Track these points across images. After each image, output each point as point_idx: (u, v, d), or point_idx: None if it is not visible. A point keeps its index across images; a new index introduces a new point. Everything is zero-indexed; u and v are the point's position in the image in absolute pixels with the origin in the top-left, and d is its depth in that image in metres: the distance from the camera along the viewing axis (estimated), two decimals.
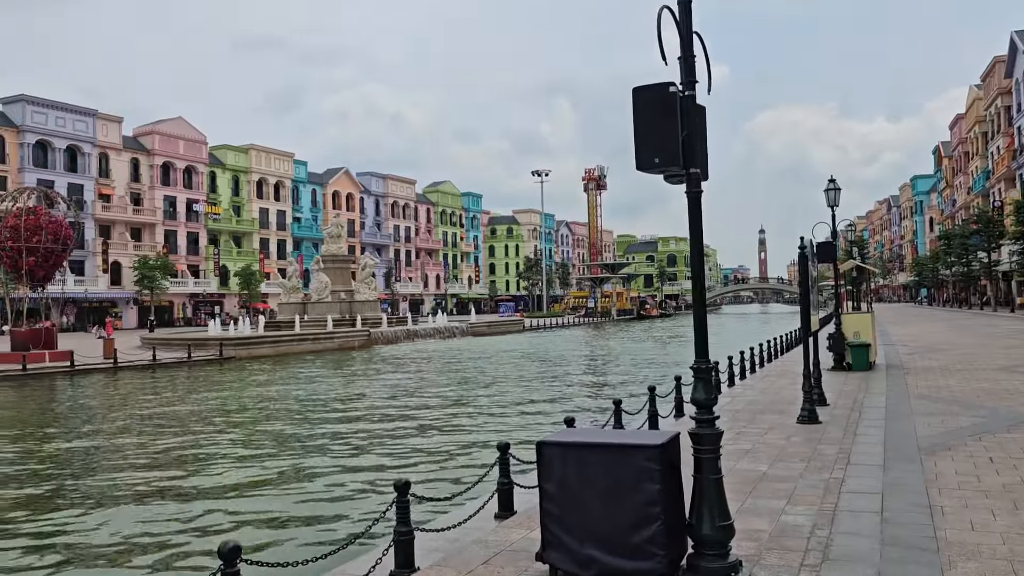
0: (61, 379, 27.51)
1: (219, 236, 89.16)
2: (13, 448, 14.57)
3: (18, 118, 71.29)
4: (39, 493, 11.00)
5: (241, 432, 15.72)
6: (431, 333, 50.55)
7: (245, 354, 35.77)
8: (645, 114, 5.04)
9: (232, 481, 11.29)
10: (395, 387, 22.70)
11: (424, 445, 13.59)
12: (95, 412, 19.27)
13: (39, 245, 31.05)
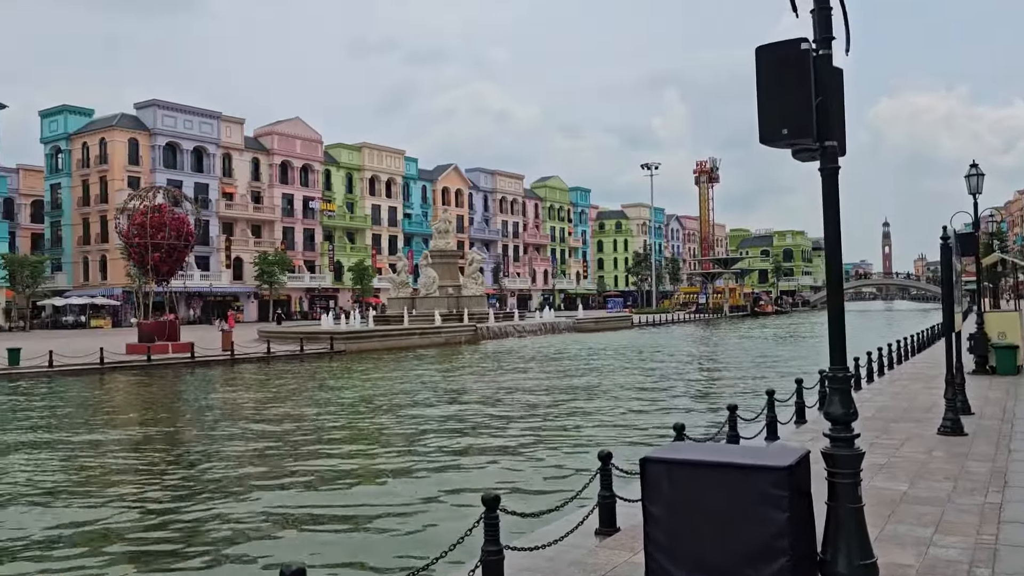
0: (182, 370, 28.58)
1: (334, 232, 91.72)
2: (115, 435, 15.00)
3: (150, 122, 75.30)
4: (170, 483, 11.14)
5: (339, 429, 15.64)
6: (537, 329, 50.16)
7: (355, 348, 36.34)
8: (771, 77, 4.29)
9: (309, 482, 11.09)
10: (498, 385, 22.31)
11: (523, 448, 13.07)
12: (209, 402, 19.77)
13: (163, 241, 32.43)
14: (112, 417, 17.70)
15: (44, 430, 15.83)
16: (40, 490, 10.74)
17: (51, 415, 18.02)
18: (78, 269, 75.48)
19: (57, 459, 12.86)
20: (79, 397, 21.46)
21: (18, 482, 11.23)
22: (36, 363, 27.13)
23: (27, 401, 20.80)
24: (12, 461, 12.76)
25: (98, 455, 13.22)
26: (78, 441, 14.52)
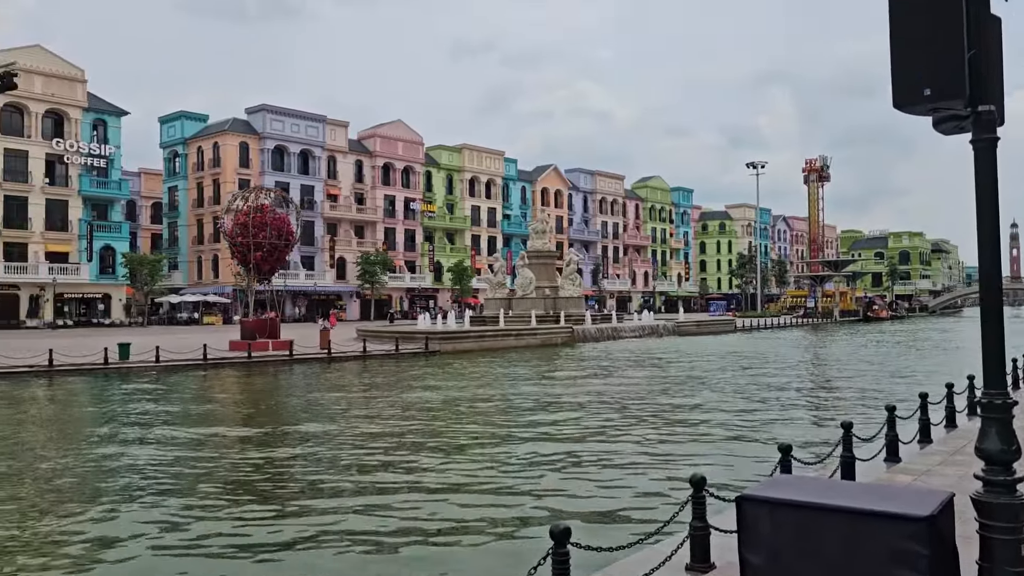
0: (280, 367, 29.02)
1: (434, 233, 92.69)
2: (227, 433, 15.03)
3: (259, 126, 77.89)
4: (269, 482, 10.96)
5: (423, 434, 15.20)
6: (636, 331, 48.96)
7: (449, 348, 36.21)
8: (909, 24, 3.41)
9: (369, 491, 10.61)
10: (592, 390, 21.48)
11: (613, 462, 12.26)
12: (304, 400, 19.79)
13: (265, 241, 33.11)
14: (210, 413, 17.88)
15: (152, 425, 16.08)
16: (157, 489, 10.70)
17: (158, 409, 18.38)
18: (193, 268, 78.84)
19: (157, 452, 12.91)
20: (178, 392, 21.93)
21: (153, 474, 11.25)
22: (144, 358, 28.08)
23: (141, 395, 21.37)
24: (147, 452, 12.89)
25: (193, 450, 13.21)
26: (181, 437, 14.62)
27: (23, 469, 11.96)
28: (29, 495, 10.37)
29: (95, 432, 15.21)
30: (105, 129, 66.24)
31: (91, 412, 18.62)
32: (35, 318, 60.02)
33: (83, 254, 63.18)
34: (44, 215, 61.99)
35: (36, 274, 59.81)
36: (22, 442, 14.44)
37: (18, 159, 60.88)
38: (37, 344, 32.14)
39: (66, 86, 63.33)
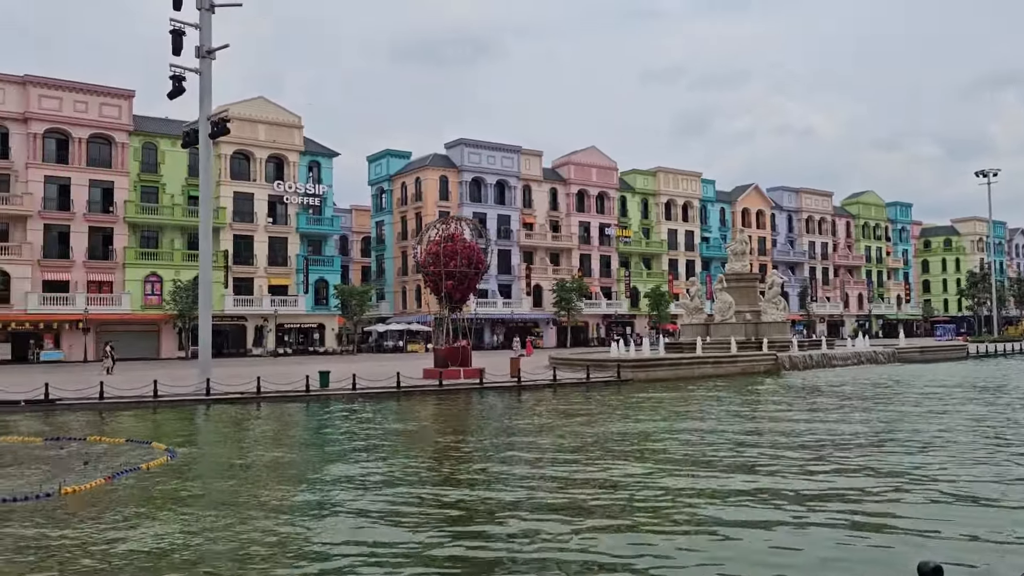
0: (470, 395, 28.94)
1: (630, 258, 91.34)
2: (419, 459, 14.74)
3: (458, 160, 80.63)
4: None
5: (613, 473, 13.99)
6: (850, 359, 44.81)
7: (643, 376, 34.71)
8: None
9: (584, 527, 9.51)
10: (801, 427, 19.23)
11: (823, 526, 10.45)
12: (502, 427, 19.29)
13: (456, 269, 33.48)
14: (401, 440, 17.78)
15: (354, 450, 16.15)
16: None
17: (359, 434, 18.59)
18: (398, 298, 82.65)
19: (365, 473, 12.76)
20: (366, 419, 22.22)
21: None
22: (342, 385, 29.07)
23: (336, 420, 21.90)
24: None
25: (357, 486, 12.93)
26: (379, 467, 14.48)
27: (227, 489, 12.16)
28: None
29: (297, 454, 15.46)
30: (319, 170, 71.22)
31: (281, 436, 19.17)
32: (259, 347, 65.17)
33: (300, 287, 67.95)
34: (267, 251, 67.43)
35: (260, 306, 65.02)
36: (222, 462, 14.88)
37: (245, 201, 66.78)
38: (258, 371, 34.36)
39: (285, 132, 68.81)
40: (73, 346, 57.56)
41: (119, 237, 61.14)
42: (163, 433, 19.73)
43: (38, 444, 17.44)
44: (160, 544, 9.19)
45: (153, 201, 63.27)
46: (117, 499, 11.58)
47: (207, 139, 30.40)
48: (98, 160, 61.14)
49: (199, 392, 27.47)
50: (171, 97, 29.61)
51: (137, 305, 60.41)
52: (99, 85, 61.10)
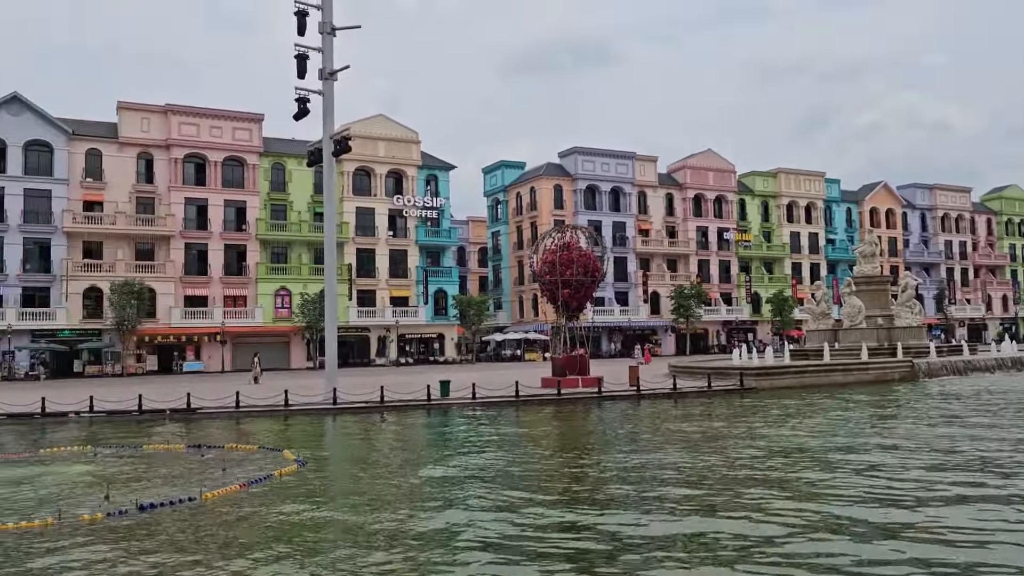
0: (588, 404, 28.76)
1: (750, 263, 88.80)
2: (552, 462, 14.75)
3: (572, 168, 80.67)
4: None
5: (757, 487, 13.51)
6: (994, 365, 41.78)
7: (766, 385, 33.52)
8: None
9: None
10: (943, 443, 18.01)
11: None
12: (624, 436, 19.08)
13: (572, 278, 33.41)
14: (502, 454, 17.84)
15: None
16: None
17: (481, 443, 18.84)
18: (515, 307, 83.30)
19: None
20: (488, 426, 22.40)
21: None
22: (462, 395, 29.50)
23: (454, 429, 22.23)
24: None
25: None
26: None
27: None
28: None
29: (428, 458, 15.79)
30: (436, 183, 72.84)
31: (410, 443, 19.57)
32: (382, 356, 67.11)
33: (420, 298, 69.59)
34: (388, 264, 69.48)
35: (382, 317, 67.00)
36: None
37: (367, 215, 69.09)
38: (381, 380, 35.34)
39: (404, 148, 70.78)
40: (212, 357, 61.02)
41: (251, 253, 64.49)
42: (293, 441, 20.55)
43: (181, 451, 18.51)
44: (291, 549, 9.53)
45: (282, 218, 66.38)
46: (252, 503, 12.11)
47: (330, 157, 31.58)
48: (232, 181, 64.75)
49: (326, 402, 28.49)
50: (297, 119, 30.94)
51: (269, 318, 63.47)
52: (232, 111, 64.75)
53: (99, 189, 60.54)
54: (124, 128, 61.68)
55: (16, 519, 11.06)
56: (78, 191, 59.79)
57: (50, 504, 12.16)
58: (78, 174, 59.87)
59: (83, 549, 9.57)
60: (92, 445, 19.63)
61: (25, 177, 58.04)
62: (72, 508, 11.76)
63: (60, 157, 59.18)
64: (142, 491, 13.15)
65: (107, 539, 10.04)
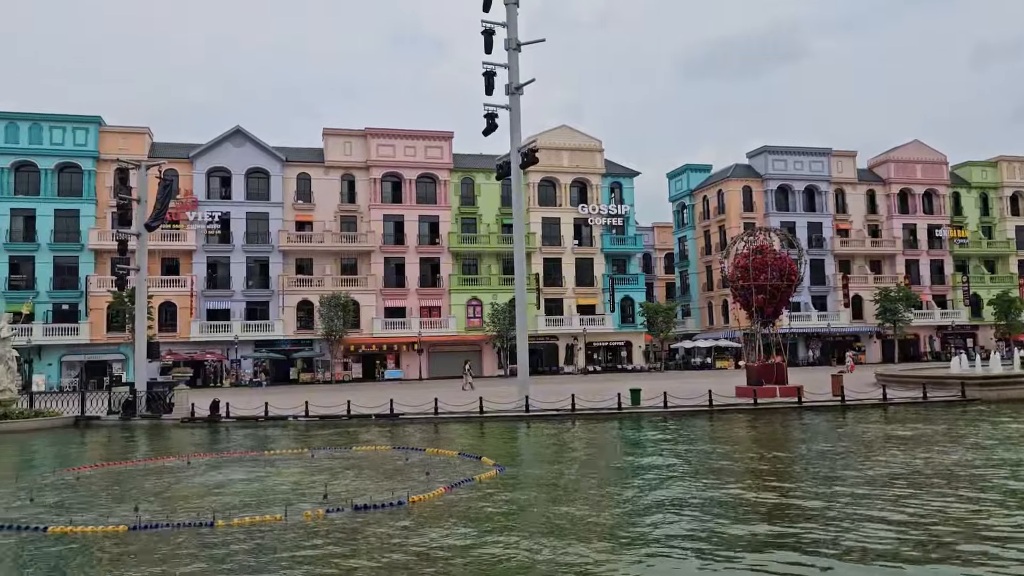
0: (789, 415, 27.39)
1: (967, 261, 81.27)
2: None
3: (761, 168, 77.60)
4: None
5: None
6: None
7: (993, 396, 30.36)
8: None
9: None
10: None
11: None
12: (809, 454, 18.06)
13: (766, 283, 32.05)
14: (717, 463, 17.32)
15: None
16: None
17: (677, 452, 18.53)
18: (704, 313, 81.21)
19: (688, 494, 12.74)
20: (688, 436, 21.88)
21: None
22: (653, 403, 29.06)
23: (656, 438, 21.96)
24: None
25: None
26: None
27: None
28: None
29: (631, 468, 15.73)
30: (621, 190, 72.57)
31: (620, 451, 19.52)
32: (570, 364, 67.63)
33: (607, 305, 69.51)
34: (574, 272, 70.03)
35: (570, 325, 67.58)
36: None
37: (553, 225, 70.06)
38: (570, 388, 35.64)
39: (587, 157, 71.16)
40: (410, 365, 64.18)
41: (444, 265, 67.31)
42: (490, 447, 21.10)
43: (387, 454, 19.54)
44: (495, 553, 9.74)
45: (472, 231, 68.77)
46: (456, 507, 12.53)
47: (518, 170, 32.31)
48: (425, 197, 67.96)
49: (519, 409, 29.08)
50: (486, 134, 31.97)
51: (461, 327, 65.88)
52: (424, 131, 68.04)
53: (308, 210, 65.61)
54: (329, 152, 66.51)
55: (250, 514, 12.10)
56: (291, 212, 65.14)
57: (276, 501, 13.21)
58: (290, 197, 65.23)
59: (320, 545, 10.30)
60: (308, 447, 21.17)
61: (247, 202, 64.04)
62: (295, 505, 12.71)
63: (275, 182, 64.80)
64: (355, 491, 13.99)
65: (333, 535, 10.74)
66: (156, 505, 13.20)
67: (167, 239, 60.75)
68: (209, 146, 63.90)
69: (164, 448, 22.97)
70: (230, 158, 64.14)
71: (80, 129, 61.50)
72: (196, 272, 62.24)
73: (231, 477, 16.19)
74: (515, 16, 32.08)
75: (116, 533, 11.12)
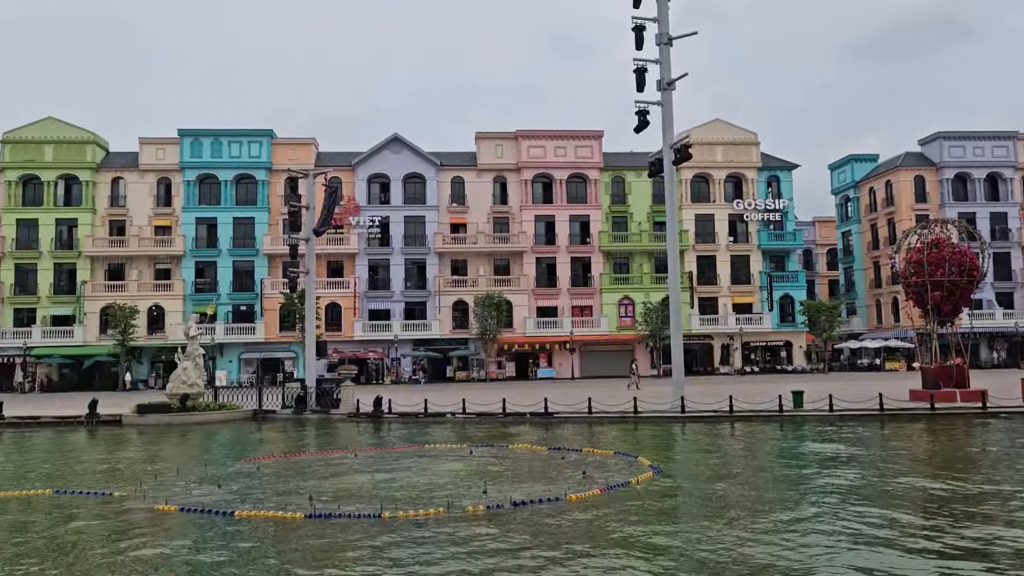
0: (971, 421, 25.34)
1: None
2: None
3: (935, 156, 72.47)
4: None
5: None
6: None
7: None
8: None
9: None
10: None
11: None
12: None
13: (943, 279, 29.83)
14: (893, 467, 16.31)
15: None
16: None
17: (855, 462, 17.65)
18: (871, 312, 76.69)
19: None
20: (862, 443, 20.72)
21: None
22: (817, 406, 27.71)
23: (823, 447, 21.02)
24: None
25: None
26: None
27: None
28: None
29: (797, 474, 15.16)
30: (778, 184, 69.77)
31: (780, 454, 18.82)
32: (726, 365, 65.73)
33: (764, 304, 67.04)
34: (729, 270, 68.00)
35: (725, 325, 65.70)
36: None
37: (706, 222, 68.35)
38: (726, 389, 34.65)
39: (742, 151, 68.92)
40: (562, 364, 64.51)
41: (595, 265, 67.21)
42: (645, 448, 20.83)
43: (542, 453, 19.73)
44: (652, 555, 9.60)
45: (623, 230, 68.25)
46: (613, 507, 12.47)
47: (671, 167, 31.74)
48: (575, 197, 68.14)
49: (674, 409, 28.56)
50: (637, 131, 31.62)
51: (613, 326, 65.52)
52: (574, 131, 68.25)
53: (462, 212, 67.37)
54: (481, 156, 68.02)
55: (414, 507, 12.57)
56: (446, 215, 67.13)
57: (438, 495, 13.64)
58: (445, 200, 67.24)
59: (481, 536, 10.56)
60: (467, 444, 21.73)
61: (404, 206, 66.60)
62: (457, 499, 13.08)
63: (431, 187, 67.01)
64: (513, 488, 14.21)
65: (504, 528, 10.98)
66: (328, 495, 13.97)
67: (332, 243, 64.15)
68: (369, 154, 66.95)
69: (333, 441, 24.28)
70: (388, 164, 66.93)
71: (255, 142, 66.15)
72: (359, 274, 65.38)
73: (395, 471, 16.87)
74: (666, 10, 31.53)
75: (294, 520, 11.86)
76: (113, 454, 22.19)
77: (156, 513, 12.65)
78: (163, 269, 65.16)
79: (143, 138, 65.92)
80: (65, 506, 13.66)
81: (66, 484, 15.88)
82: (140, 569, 9.47)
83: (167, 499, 13.62)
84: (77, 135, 65.15)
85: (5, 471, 18.95)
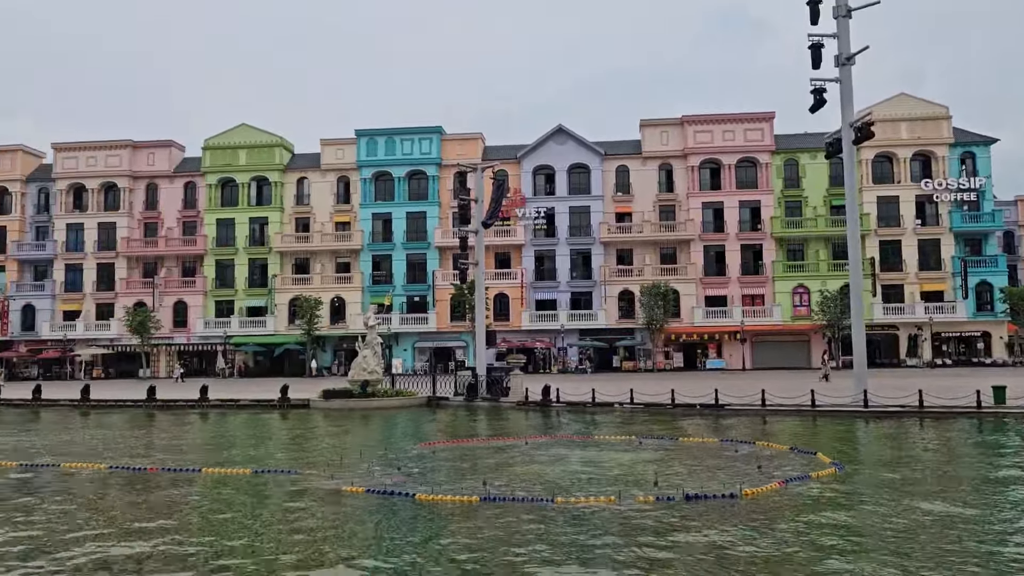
0: None
1: None
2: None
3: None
4: None
5: None
6: None
7: None
8: None
9: None
10: None
11: None
12: None
13: None
14: None
15: None
16: None
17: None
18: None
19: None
20: None
21: None
22: (1022, 403, 25.27)
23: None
24: None
25: None
26: None
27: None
28: None
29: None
30: (973, 161, 64.07)
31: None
32: (914, 357, 61.25)
33: (958, 291, 61.88)
34: (916, 255, 63.25)
35: (912, 314, 61.23)
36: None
37: (890, 204, 63.88)
38: (914, 383, 32.38)
39: (931, 127, 63.81)
40: (732, 355, 62.57)
41: (767, 252, 64.55)
42: (823, 443, 19.83)
43: (714, 445, 19.26)
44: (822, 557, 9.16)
45: (796, 215, 65.10)
46: (792, 504, 11.99)
47: (850, 147, 29.93)
48: (745, 182, 65.71)
49: (856, 404, 26.99)
50: (813, 111, 30.05)
51: (787, 316, 62.73)
52: (742, 113, 65.80)
53: (627, 201, 66.74)
54: (646, 143, 67.02)
55: (585, 494, 12.66)
56: (610, 205, 66.77)
57: (608, 484, 13.65)
58: (610, 189, 66.88)
59: (651, 529, 10.52)
60: (635, 435, 21.58)
61: (569, 196, 66.88)
62: (628, 490, 13.04)
63: (595, 176, 66.86)
64: (685, 481, 13.98)
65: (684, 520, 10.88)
66: (501, 480, 14.34)
67: (499, 235, 65.48)
68: (534, 146, 67.73)
69: (503, 428, 24.88)
70: (552, 155, 67.42)
71: (425, 139, 68.71)
72: (525, 265, 66.38)
73: (564, 458, 17.06)
74: None
75: (470, 503, 12.28)
76: (302, 435, 23.88)
77: (344, 494, 13.48)
78: (343, 263, 69.17)
79: (324, 139, 70.20)
80: (262, 484, 14.86)
81: (263, 463, 17.28)
82: (332, 548, 10.14)
83: (353, 481, 14.48)
84: (267, 139, 70.40)
85: (215, 449, 20.86)
